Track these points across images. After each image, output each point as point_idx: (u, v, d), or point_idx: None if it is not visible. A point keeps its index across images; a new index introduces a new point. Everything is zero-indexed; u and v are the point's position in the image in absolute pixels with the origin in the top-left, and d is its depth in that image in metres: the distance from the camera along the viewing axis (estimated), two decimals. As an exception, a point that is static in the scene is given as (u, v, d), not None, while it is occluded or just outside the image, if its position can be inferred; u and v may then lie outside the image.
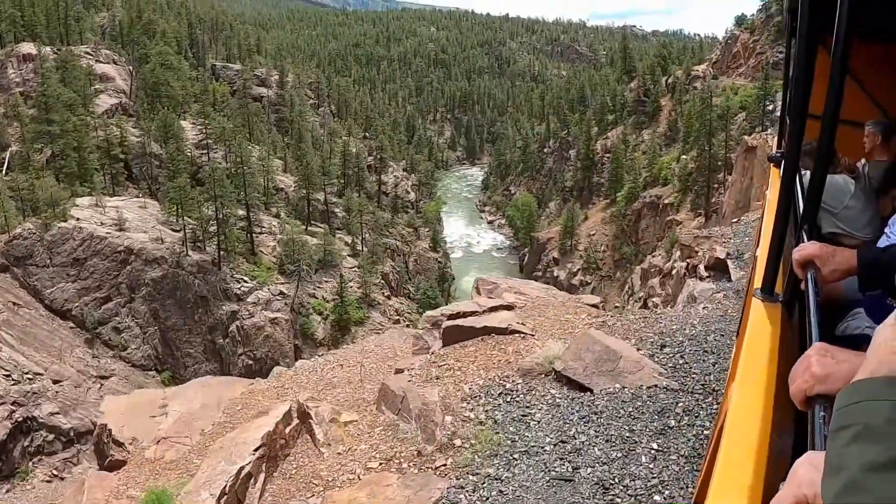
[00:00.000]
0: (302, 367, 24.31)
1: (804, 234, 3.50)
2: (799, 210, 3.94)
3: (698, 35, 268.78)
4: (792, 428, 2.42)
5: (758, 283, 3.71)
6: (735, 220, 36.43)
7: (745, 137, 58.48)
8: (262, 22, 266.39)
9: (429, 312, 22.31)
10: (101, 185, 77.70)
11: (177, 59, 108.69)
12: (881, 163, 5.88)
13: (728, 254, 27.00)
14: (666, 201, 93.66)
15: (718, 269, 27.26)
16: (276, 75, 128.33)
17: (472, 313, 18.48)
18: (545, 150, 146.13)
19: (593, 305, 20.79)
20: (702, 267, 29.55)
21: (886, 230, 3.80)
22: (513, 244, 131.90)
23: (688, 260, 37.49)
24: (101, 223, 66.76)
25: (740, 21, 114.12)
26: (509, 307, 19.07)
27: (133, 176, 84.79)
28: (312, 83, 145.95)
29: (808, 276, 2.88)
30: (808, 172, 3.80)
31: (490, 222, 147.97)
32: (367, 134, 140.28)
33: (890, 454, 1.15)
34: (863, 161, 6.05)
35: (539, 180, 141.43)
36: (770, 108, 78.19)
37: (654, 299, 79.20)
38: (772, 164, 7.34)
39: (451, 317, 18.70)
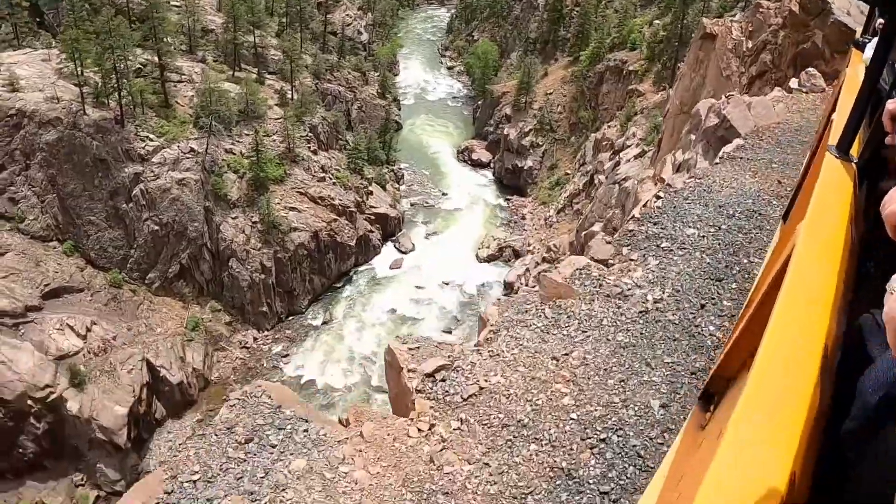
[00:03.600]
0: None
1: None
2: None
3: None
4: (854, 277, 2.49)
5: (833, 140, 3.94)
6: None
7: (704, 20, 49.95)
8: None
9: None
10: (10, 35, 69.92)
11: None
12: None
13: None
14: (631, 68, 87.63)
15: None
16: None
17: None
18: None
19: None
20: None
21: None
22: (470, 94, 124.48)
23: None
24: (-7, 83, 61.33)
25: None
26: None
27: (46, 23, 76.17)
28: None
29: None
30: None
31: (450, 68, 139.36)
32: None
33: None
34: None
35: (504, 28, 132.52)
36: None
37: (600, 176, 74.82)
38: (853, 48, 7.70)
39: None
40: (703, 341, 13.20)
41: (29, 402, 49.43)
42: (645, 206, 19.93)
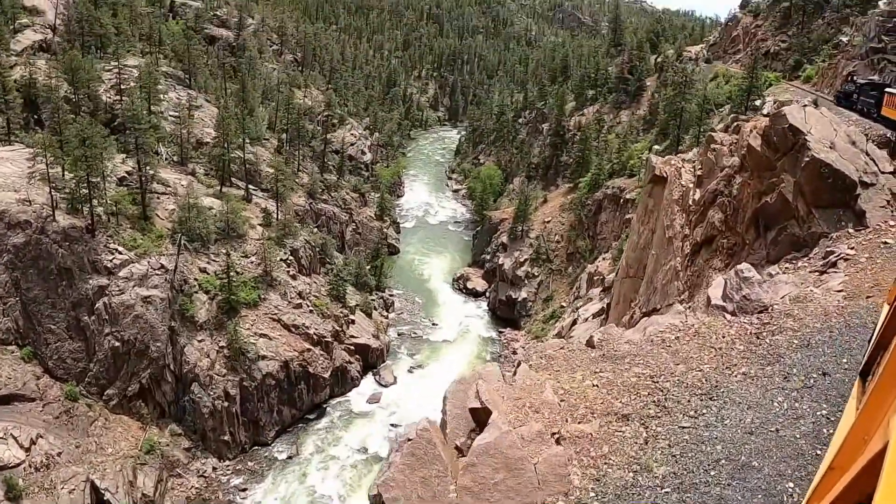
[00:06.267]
0: None
1: None
2: None
3: (710, 18, 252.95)
4: None
5: None
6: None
7: (652, 158, 43.47)
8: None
9: None
10: (2, 129, 69.94)
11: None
12: None
13: None
14: (627, 196, 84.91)
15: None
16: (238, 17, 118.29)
17: None
18: (520, 120, 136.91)
19: None
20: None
21: None
22: (473, 218, 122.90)
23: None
24: (-33, 182, 60.06)
25: (745, 4, 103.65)
26: None
27: (42, 119, 75.83)
28: (278, 27, 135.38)
29: None
30: None
31: (455, 191, 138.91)
32: (330, 85, 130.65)
33: None
34: None
35: (510, 152, 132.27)
36: (757, 103, 65.39)
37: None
38: None
39: None
40: None
41: (-40, 512, 46.36)
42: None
